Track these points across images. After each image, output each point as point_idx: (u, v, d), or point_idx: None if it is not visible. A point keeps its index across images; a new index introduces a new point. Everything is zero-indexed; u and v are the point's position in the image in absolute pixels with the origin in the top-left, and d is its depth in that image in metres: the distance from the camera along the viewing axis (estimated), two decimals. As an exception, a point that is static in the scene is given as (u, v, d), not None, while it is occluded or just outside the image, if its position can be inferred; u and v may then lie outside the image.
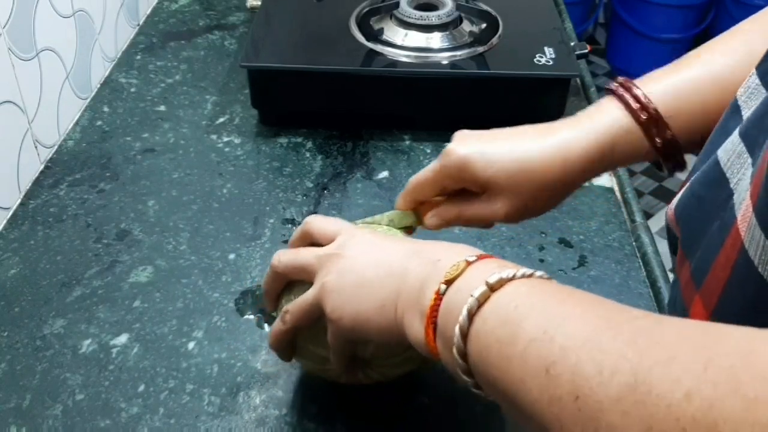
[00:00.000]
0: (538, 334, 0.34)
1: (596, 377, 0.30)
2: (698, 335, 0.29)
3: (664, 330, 0.30)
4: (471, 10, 0.94)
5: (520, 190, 0.52)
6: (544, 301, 0.36)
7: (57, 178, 0.83)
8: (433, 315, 0.41)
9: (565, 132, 0.52)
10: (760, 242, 0.34)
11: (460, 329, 0.38)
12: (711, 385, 0.26)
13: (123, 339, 0.65)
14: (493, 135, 0.54)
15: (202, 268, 0.72)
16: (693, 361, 0.27)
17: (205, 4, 1.19)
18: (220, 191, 0.82)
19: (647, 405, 0.27)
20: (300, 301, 0.50)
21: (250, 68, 0.88)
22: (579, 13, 2.83)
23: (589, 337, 0.32)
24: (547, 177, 0.51)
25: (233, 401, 0.60)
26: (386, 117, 0.92)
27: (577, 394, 0.30)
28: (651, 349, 0.29)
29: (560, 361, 0.32)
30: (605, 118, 0.52)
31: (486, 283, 0.38)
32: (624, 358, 0.30)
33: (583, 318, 0.34)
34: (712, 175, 0.42)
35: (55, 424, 0.58)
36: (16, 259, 0.72)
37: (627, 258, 0.74)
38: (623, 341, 0.31)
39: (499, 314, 0.37)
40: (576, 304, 0.35)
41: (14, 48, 0.77)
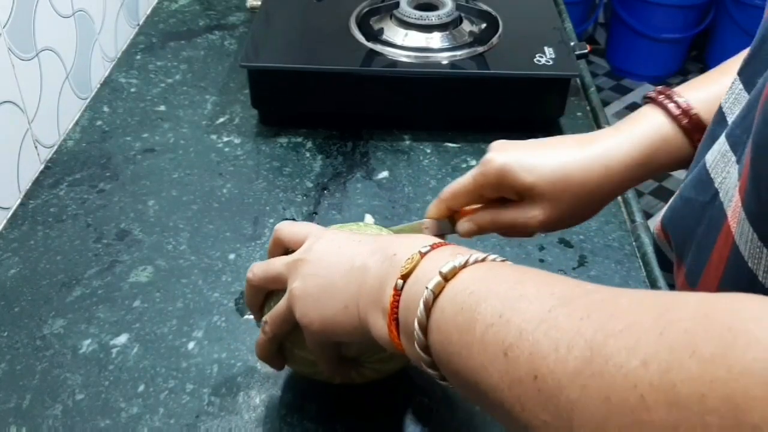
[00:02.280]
0: (495, 319, 0.34)
1: (553, 355, 0.30)
2: (653, 304, 0.29)
3: (619, 302, 0.31)
4: (471, 10, 0.94)
5: (559, 198, 0.52)
6: (499, 284, 0.36)
7: (57, 178, 0.83)
8: (393, 312, 0.41)
9: (606, 140, 0.52)
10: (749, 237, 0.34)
11: (418, 323, 0.38)
12: (667, 350, 0.26)
13: (123, 339, 0.65)
14: (532, 144, 0.54)
15: (202, 268, 0.72)
16: (648, 329, 0.28)
17: (205, 4, 1.19)
18: (220, 191, 0.82)
19: (604, 376, 0.28)
20: (275, 310, 0.51)
21: (250, 68, 0.88)
22: (579, 13, 2.83)
23: (544, 317, 0.32)
24: (588, 184, 0.51)
25: (233, 401, 0.60)
26: (386, 117, 0.92)
27: (536, 374, 0.31)
28: (606, 321, 0.30)
29: (517, 343, 0.32)
30: (646, 124, 0.52)
31: (439, 273, 0.38)
32: (579, 334, 0.30)
33: (537, 298, 0.34)
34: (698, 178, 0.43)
35: (55, 424, 0.58)
36: (16, 259, 0.72)
37: (627, 258, 0.74)
38: (578, 317, 0.31)
39: (455, 303, 0.37)
40: (530, 284, 0.35)
41: (14, 48, 0.77)
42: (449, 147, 0.89)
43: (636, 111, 0.54)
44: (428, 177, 0.84)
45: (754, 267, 0.34)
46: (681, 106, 0.51)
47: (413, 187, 0.83)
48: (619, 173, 0.51)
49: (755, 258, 0.34)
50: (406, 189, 0.83)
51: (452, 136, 0.91)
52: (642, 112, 0.54)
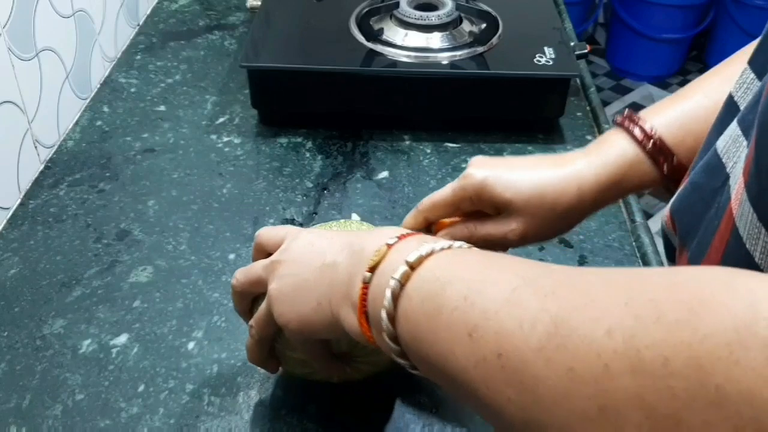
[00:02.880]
0: (460, 302, 0.34)
1: (518, 332, 0.30)
2: (620, 278, 0.29)
3: (585, 278, 0.31)
4: (471, 10, 0.94)
5: (534, 213, 0.54)
6: (464, 269, 0.37)
7: (57, 178, 0.83)
8: (363, 305, 0.41)
9: (578, 162, 0.55)
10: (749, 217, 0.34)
11: (386, 313, 0.38)
12: (632, 318, 0.26)
13: (123, 339, 0.65)
14: (510, 162, 0.56)
15: (202, 268, 0.72)
16: (613, 301, 0.28)
17: (205, 4, 1.19)
18: (219, 191, 0.82)
19: (568, 347, 0.28)
20: (258, 313, 0.51)
21: (250, 68, 0.88)
22: (579, 13, 2.83)
23: (508, 297, 0.32)
24: (562, 203, 0.53)
25: (233, 401, 0.60)
26: (386, 117, 0.92)
27: (500, 351, 0.31)
28: (571, 296, 0.30)
29: (482, 324, 0.32)
30: (613, 149, 0.54)
31: (405, 262, 0.39)
32: (544, 310, 0.30)
33: (502, 279, 0.34)
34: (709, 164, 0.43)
35: (55, 424, 0.58)
36: (15, 259, 0.72)
37: (627, 258, 0.74)
38: (543, 294, 0.31)
39: (422, 290, 0.37)
40: (495, 267, 0.36)
41: (14, 48, 0.77)
42: (449, 147, 0.89)
43: (604, 134, 0.57)
44: (428, 177, 0.84)
45: (751, 248, 0.34)
46: (645, 131, 0.53)
47: (413, 187, 0.83)
48: (590, 193, 0.54)
49: (753, 239, 0.34)
50: (406, 189, 0.83)
51: (452, 136, 0.91)
52: (609, 136, 0.56)
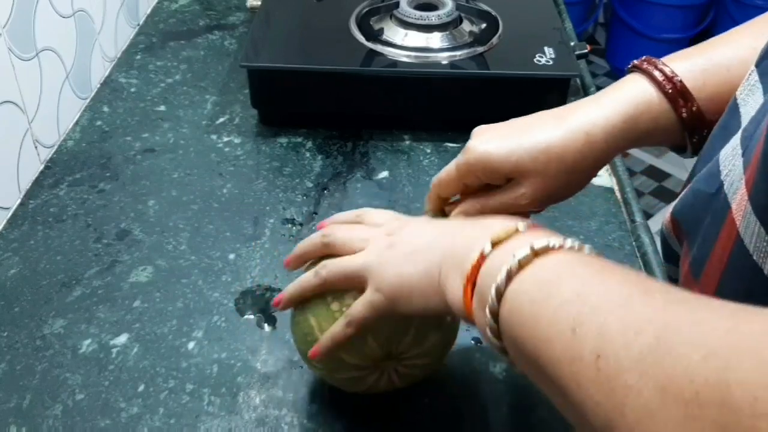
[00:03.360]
0: (572, 297, 0.34)
1: (620, 338, 0.30)
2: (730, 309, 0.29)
3: (697, 301, 0.30)
4: (471, 10, 0.94)
5: (543, 172, 0.51)
6: (584, 269, 0.37)
7: (57, 178, 0.83)
8: (474, 274, 0.41)
9: (586, 108, 0.52)
10: (755, 230, 0.34)
11: (496, 289, 0.38)
12: (729, 349, 0.26)
13: (123, 339, 0.65)
14: (511, 125, 0.53)
15: (202, 268, 0.72)
16: (716, 327, 0.27)
17: (205, 4, 1.19)
18: (220, 191, 0.82)
19: (665, 366, 0.27)
20: (343, 262, 0.51)
21: (250, 68, 0.88)
22: (579, 13, 2.82)
23: (621, 302, 0.32)
24: (570, 154, 0.50)
25: (233, 401, 0.60)
26: (386, 117, 0.92)
27: (599, 353, 0.30)
28: (678, 314, 0.29)
29: (588, 322, 0.32)
30: (629, 90, 0.51)
31: (531, 247, 0.38)
32: (650, 322, 0.30)
33: (619, 285, 0.34)
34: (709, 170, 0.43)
35: (55, 424, 0.58)
36: (16, 259, 0.72)
37: (627, 258, 0.74)
38: (654, 307, 0.31)
39: (537, 277, 0.37)
40: (615, 274, 0.35)
41: (14, 48, 0.77)
42: (449, 147, 0.89)
43: (619, 80, 0.54)
44: (428, 177, 0.84)
45: (760, 261, 0.34)
46: (665, 73, 0.51)
47: (413, 187, 0.83)
48: (600, 139, 0.50)
49: (761, 252, 0.34)
50: (406, 189, 0.83)
51: (452, 136, 0.91)
52: (626, 79, 0.53)
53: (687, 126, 0.50)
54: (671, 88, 0.50)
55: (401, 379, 0.55)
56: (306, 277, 0.53)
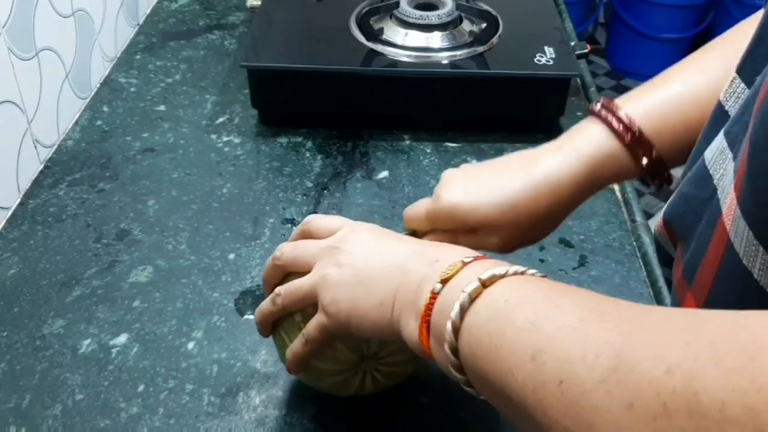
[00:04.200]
0: (527, 325, 0.35)
1: (581, 362, 0.30)
2: (682, 319, 0.30)
3: (650, 316, 0.31)
4: (471, 9, 0.94)
5: (511, 225, 0.53)
6: (535, 294, 0.37)
7: (57, 177, 0.83)
8: (427, 314, 0.42)
9: (550, 160, 0.53)
10: (745, 234, 0.34)
11: (452, 324, 0.39)
12: (692, 360, 0.26)
13: (122, 339, 0.65)
14: (479, 176, 0.54)
15: (202, 267, 0.72)
16: (675, 340, 0.28)
17: (205, 3, 1.19)
18: (219, 191, 0.82)
19: (629, 383, 0.28)
20: (294, 286, 0.51)
21: (249, 68, 0.88)
22: (579, 13, 2.82)
23: (576, 326, 0.32)
24: (537, 209, 0.52)
25: (233, 401, 0.59)
26: (386, 117, 0.92)
27: (561, 378, 0.31)
28: (635, 332, 0.30)
29: (546, 349, 0.33)
30: (590, 141, 0.52)
31: (478, 279, 0.39)
32: (608, 343, 0.30)
33: (571, 309, 0.34)
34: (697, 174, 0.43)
35: (55, 424, 0.58)
36: (15, 259, 0.72)
37: (627, 258, 0.74)
38: (609, 328, 0.31)
39: (490, 308, 0.38)
40: (565, 297, 0.36)
41: (14, 48, 0.77)
42: (449, 147, 0.89)
43: (579, 124, 0.54)
44: (428, 177, 0.84)
45: (749, 265, 0.34)
46: (623, 122, 0.51)
47: (413, 187, 0.83)
48: (566, 193, 0.52)
49: (750, 256, 0.34)
50: (406, 189, 0.82)
51: (452, 136, 0.91)
52: (585, 126, 0.54)
53: (648, 171, 0.52)
54: (630, 138, 0.51)
55: (388, 377, 0.55)
56: (265, 305, 0.53)
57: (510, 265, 0.41)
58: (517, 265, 0.40)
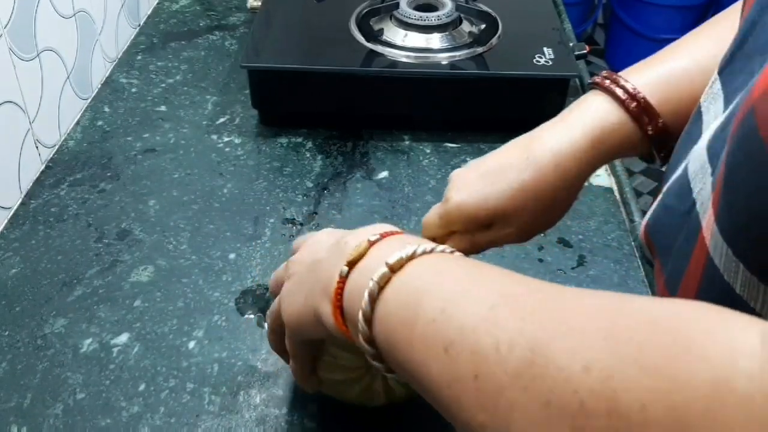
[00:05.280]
0: (437, 314, 0.34)
1: (494, 354, 0.30)
2: (599, 307, 0.29)
3: (564, 302, 0.30)
4: (470, 10, 0.94)
5: (523, 212, 0.52)
6: (443, 279, 0.36)
7: (58, 177, 0.83)
8: (338, 299, 0.40)
9: (552, 135, 0.52)
10: (723, 251, 0.34)
11: (363, 315, 0.38)
12: (609, 356, 0.26)
13: (124, 338, 0.65)
14: (483, 169, 0.54)
15: (203, 267, 0.72)
16: (592, 332, 0.27)
17: (205, 4, 1.19)
18: (220, 191, 0.82)
19: (545, 379, 0.27)
20: (271, 307, 0.52)
21: (250, 68, 0.88)
22: (578, 14, 2.83)
23: (486, 315, 0.32)
24: (545, 188, 0.51)
25: (233, 400, 0.60)
26: (386, 117, 0.92)
27: (476, 372, 0.30)
28: (549, 322, 0.29)
29: (458, 340, 0.32)
30: (593, 112, 0.51)
31: (386, 264, 0.38)
32: (521, 333, 0.29)
33: (481, 295, 0.33)
34: (680, 186, 0.43)
35: (56, 423, 0.58)
36: (17, 259, 0.73)
37: (626, 257, 0.74)
38: (521, 316, 0.30)
39: (400, 296, 0.37)
40: (476, 281, 0.35)
41: (15, 48, 0.77)
42: (449, 147, 0.89)
43: (581, 97, 0.53)
44: (428, 177, 0.84)
45: (730, 280, 0.34)
46: (628, 91, 0.50)
47: (413, 187, 0.83)
48: (570, 167, 0.51)
49: (731, 272, 0.34)
50: (406, 189, 0.83)
51: (452, 136, 0.91)
52: (588, 98, 0.52)
53: (654, 141, 0.51)
54: (635, 106, 0.50)
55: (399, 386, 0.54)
56: (267, 331, 0.54)
57: (418, 241, 0.39)
58: (426, 242, 0.39)
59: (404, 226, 0.76)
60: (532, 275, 0.72)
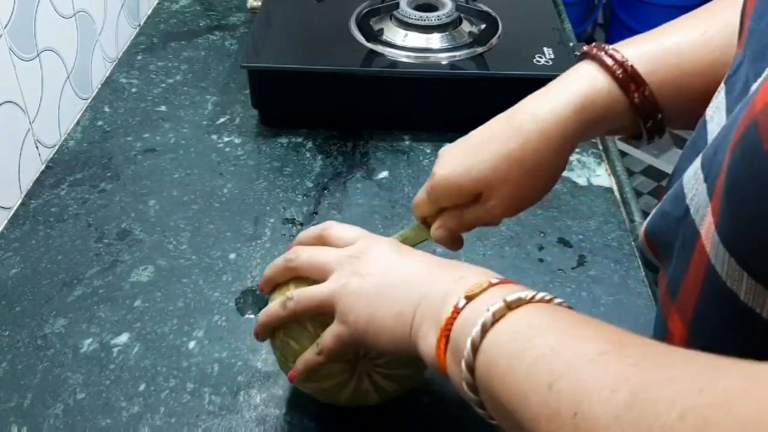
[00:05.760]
0: (546, 351, 0.34)
1: (596, 394, 0.30)
2: (701, 362, 0.29)
3: (670, 356, 0.31)
4: (470, 10, 0.94)
5: (506, 181, 0.51)
6: (558, 321, 0.37)
7: (58, 177, 0.83)
8: (447, 328, 0.41)
9: (535, 103, 0.51)
10: (725, 259, 0.34)
11: (471, 342, 0.38)
12: (705, 406, 0.26)
13: (124, 338, 0.65)
14: (468, 141, 0.54)
15: (203, 267, 0.72)
16: (690, 383, 0.28)
17: (205, 4, 1.19)
18: (220, 191, 0.82)
19: (641, 424, 0.28)
20: (310, 293, 0.50)
21: (250, 68, 0.88)
22: (578, 14, 2.83)
23: (595, 358, 0.32)
24: (529, 156, 0.50)
25: (234, 400, 0.60)
26: (386, 117, 0.92)
27: (576, 410, 0.31)
28: (653, 370, 0.30)
29: (564, 377, 0.32)
30: (579, 78, 0.50)
31: (504, 300, 0.39)
32: (625, 379, 0.30)
33: (593, 338, 0.34)
34: (675, 192, 0.43)
35: (56, 424, 0.58)
36: (17, 259, 0.73)
37: (626, 257, 0.74)
38: (628, 363, 0.31)
39: (512, 330, 0.37)
40: (588, 327, 0.36)
41: (15, 48, 0.77)
42: (449, 147, 0.89)
43: (570, 68, 0.53)
44: (428, 177, 0.84)
45: (734, 287, 0.34)
46: (616, 59, 0.49)
47: (413, 187, 0.83)
48: (554, 133, 0.50)
49: (734, 280, 0.34)
50: (406, 189, 0.83)
51: (452, 136, 0.90)
52: (576, 67, 0.52)
53: (640, 111, 0.50)
54: (622, 73, 0.49)
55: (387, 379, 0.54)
56: (274, 309, 0.52)
57: (537, 291, 0.40)
58: (545, 293, 0.40)
59: (404, 226, 0.76)
60: (533, 275, 0.72)
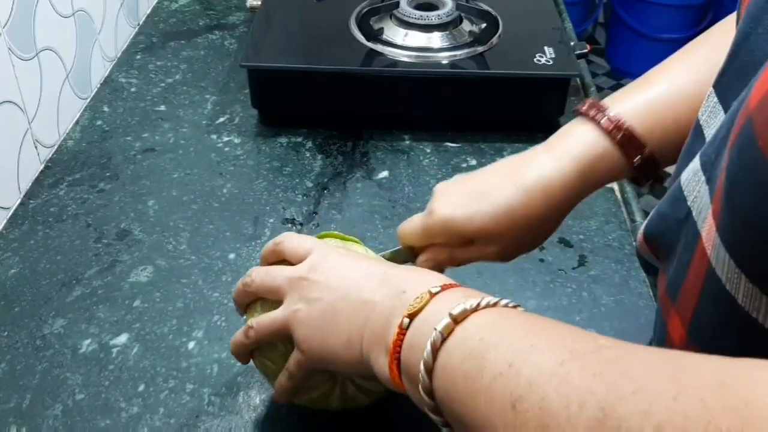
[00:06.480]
0: (504, 368, 0.33)
1: (563, 412, 0.29)
2: (667, 365, 0.29)
3: (632, 360, 0.30)
4: (471, 9, 0.94)
5: (508, 234, 0.52)
6: (510, 332, 0.36)
7: (57, 177, 0.83)
8: (396, 350, 0.40)
9: (541, 164, 0.52)
10: (726, 261, 0.34)
11: (424, 365, 0.37)
12: (681, 418, 0.26)
13: (123, 339, 0.65)
14: (470, 186, 0.54)
15: (202, 267, 0.72)
16: (662, 393, 0.27)
17: (205, 3, 1.19)
18: (220, 191, 0.82)
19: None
20: (266, 321, 0.50)
21: (250, 68, 0.88)
22: (579, 13, 2.83)
23: (555, 371, 0.31)
24: (532, 214, 0.52)
25: (233, 401, 0.60)
26: (386, 117, 0.92)
27: (544, 430, 0.30)
28: (618, 380, 0.29)
29: (526, 396, 0.31)
30: (580, 142, 0.52)
31: (449, 314, 0.37)
32: (590, 392, 0.29)
33: (549, 350, 0.33)
34: (674, 194, 0.43)
35: (55, 424, 0.58)
36: (16, 259, 0.72)
37: (627, 257, 0.74)
38: (590, 373, 0.30)
39: (464, 348, 0.36)
40: (542, 334, 0.35)
41: (14, 48, 0.77)
42: (449, 147, 0.89)
43: (567, 125, 0.54)
44: (428, 177, 0.84)
45: (732, 290, 0.34)
46: (612, 120, 0.51)
47: (413, 187, 0.83)
48: (559, 196, 0.51)
49: (733, 283, 0.34)
50: (406, 189, 0.83)
51: (452, 135, 0.91)
52: (574, 127, 0.53)
53: (639, 170, 0.51)
54: (621, 137, 0.50)
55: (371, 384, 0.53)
56: (239, 338, 0.52)
57: (481, 295, 0.39)
58: (489, 296, 0.39)
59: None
60: (533, 275, 0.72)
